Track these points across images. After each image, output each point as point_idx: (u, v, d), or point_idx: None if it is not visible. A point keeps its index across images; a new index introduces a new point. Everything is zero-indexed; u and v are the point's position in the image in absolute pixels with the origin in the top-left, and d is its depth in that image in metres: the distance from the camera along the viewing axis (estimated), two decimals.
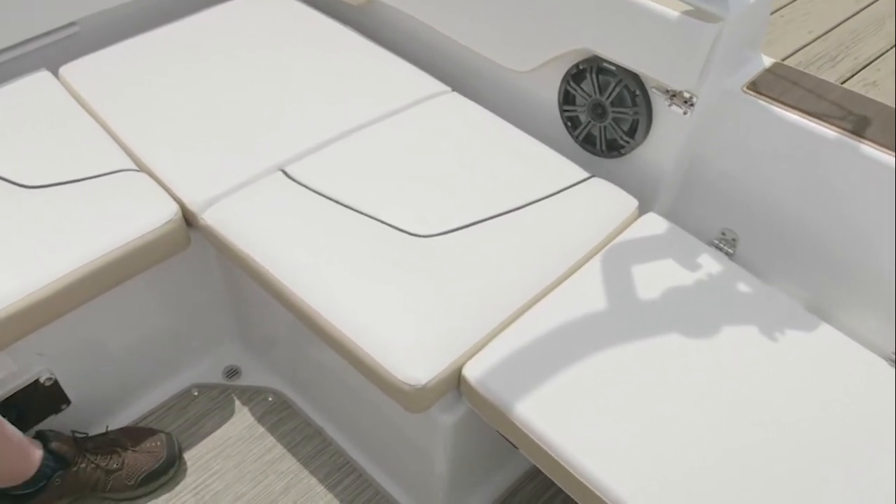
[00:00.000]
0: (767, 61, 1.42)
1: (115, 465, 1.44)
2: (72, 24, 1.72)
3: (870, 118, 1.30)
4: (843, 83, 2.90)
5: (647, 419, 1.11)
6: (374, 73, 1.66)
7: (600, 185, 1.43)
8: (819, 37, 3.18)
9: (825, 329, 1.24)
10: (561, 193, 1.40)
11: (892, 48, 3.11)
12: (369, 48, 1.74)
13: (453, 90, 1.64)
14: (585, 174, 1.44)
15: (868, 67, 3.01)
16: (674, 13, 1.25)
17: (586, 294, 1.26)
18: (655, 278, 1.29)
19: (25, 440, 1.36)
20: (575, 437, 1.09)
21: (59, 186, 1.39)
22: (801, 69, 1.42)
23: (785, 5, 3.33)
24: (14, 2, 1.60)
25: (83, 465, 1.41)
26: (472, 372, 1.17)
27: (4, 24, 1.61)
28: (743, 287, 1.29)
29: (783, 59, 2.97)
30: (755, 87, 1.36)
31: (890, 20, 3.26)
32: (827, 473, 1.06)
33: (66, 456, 1.39)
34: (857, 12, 3.33)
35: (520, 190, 1.41)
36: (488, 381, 1.15)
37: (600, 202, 1.40)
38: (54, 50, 1.71)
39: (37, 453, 1.37)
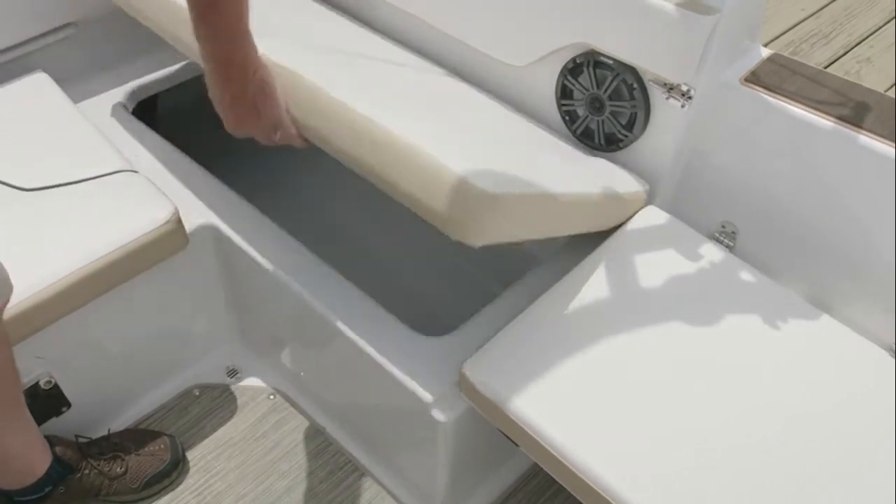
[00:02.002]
0: (765, 52, 1.41)
1: (119, 471, 1.44)
2: (69, 24, 1.72)
3: (869, 109, 1.29)
4: (836, 60, 2.91)
5: (648, 414, 1.10)
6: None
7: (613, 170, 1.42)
8: (812, 14, 3.18)
9: (826, 320, 1.23)
10: None
11: (891, 20, 3.10)
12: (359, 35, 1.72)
13: None
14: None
15: (862, 44, 3.01)
16: (670, 6, 1.24)
17: (586, 289, 1.26)
18: (656, 272, 1.28)
19: (42, 436, 1.36)
20: (575, 433, 1.08)
21: (56, 188, 1.38)
22: (798, 59, 1.41)
23: None
24: (11, 3, 1.60)
25: (87, 472, 1.41)
26: (471, 369, 1.16)
27: (2, 25, 1.61)
28: (743, 280, 1.28)
29: (776, 37, 2.98)
30: (753, 78, 1.35)
31: None
32: (828, 464, 1.05)
33: (70, 462, 1.39)
34: None
35: None
36: (488, 378, 1.15)
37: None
38: (52, 51, 1.71)
39: (48, 453, 1.36)
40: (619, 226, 1.37)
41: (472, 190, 1.01)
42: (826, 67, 2.88)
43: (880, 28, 3.10)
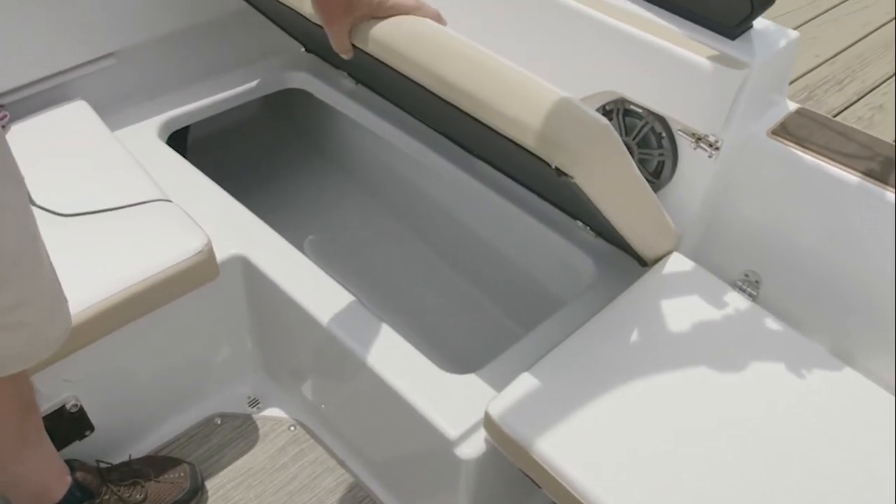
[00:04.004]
0: (792, 105, 1.43)
1: (138, 497, 1.45)
2: (110, 55, 1.76)
3: (893, 165, 1.31)
4: (849, 106, 2.98)
5: (670, 459, 1.11)
6: None
7: None
8: (826, 60, 3.25)
9: (848, 373, 1.24)
10: None
11: None
12: None
13: None
14: None
15: (874, 91, 3.07)
16: (701, 59, 1.27)
17: (611, 333, 1.27)
18: (679, 318, 1.29)
19: (60, 460, 1.38)
20: (598, 477, 1.09)
21: (92, 215, 1.41)
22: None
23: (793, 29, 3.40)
24: (56, 33, 1.65)
25: (107, 497, 1.42)
26: (495, 409, 1.17)
27: (46, 53, 1.65)
28: (766, 330, 1.29)
29: (791, 83, 3.05)
30: (780, 131, 1.37)
31: None
32: None
33: (90, 487, 1.40)
34: (864, 37, 3.42)
35: None
36: (512, 418, 1.16)
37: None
38: (92, 80, 1.75)
39: (67, 478, 1.37)
40: (644, 272, 1.39)
41: (586, 115, 1.03)
42: (839, 113, 2.94)
43: (893, 75, 3.16)
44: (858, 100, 3.03)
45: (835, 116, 2.92)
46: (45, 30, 1.63)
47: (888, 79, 3.14)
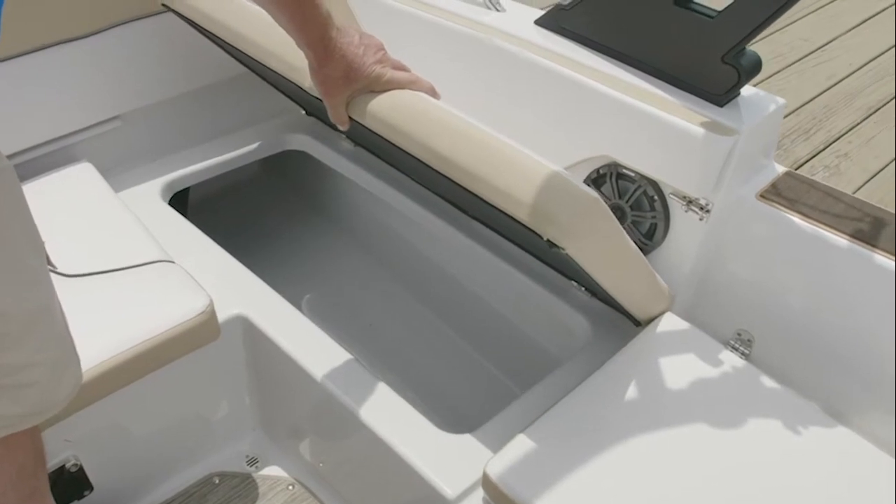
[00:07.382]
0: (780, 168, 1.47)
1: None
2: (115, 118, 1.80)
3: (880, 227, 1.35)
4: (816, 154, 3.10)
5: None
6: None
7: None
8: (793, 111, 3.39)
9: (842, 431, 1.25)
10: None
11: (862, 121, 3.30)
12: None
13: None
14: None
15: (840, 140, 3.20)
16: (692, 126, 1.31)
17: (606, 392, 1.29)
18: (674, 378, 1.31)
19: None
20: None
21: (96, 276, 1.44)
22: (812, 178, 1.48)
23: (760, 82, 3.59)
24: (63, 97, 1.69)
25: None
26: (494, 469, 1.19)
27: (52, 117, 1.70)
28: (760, 388, 1.31)
29: None
30: (768, 194, 1.41)
31: (859, 95, 3.49)
32: None
33: None
34: (829, 88, 3.58)
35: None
36: (509, 477, 1.17)
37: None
38: (97, 142, 1.79)
39: None
40: (638, 331, 1.41)
41: (576, 190, 1.07)
42: (806, 162, 3.05)
43: (857, 125, 3.28)
44: (825, 148, 3.14)
45: (802, 165, 3.03)
46: (52, 93, 1.68)
47: (853, 128, 3.27)
